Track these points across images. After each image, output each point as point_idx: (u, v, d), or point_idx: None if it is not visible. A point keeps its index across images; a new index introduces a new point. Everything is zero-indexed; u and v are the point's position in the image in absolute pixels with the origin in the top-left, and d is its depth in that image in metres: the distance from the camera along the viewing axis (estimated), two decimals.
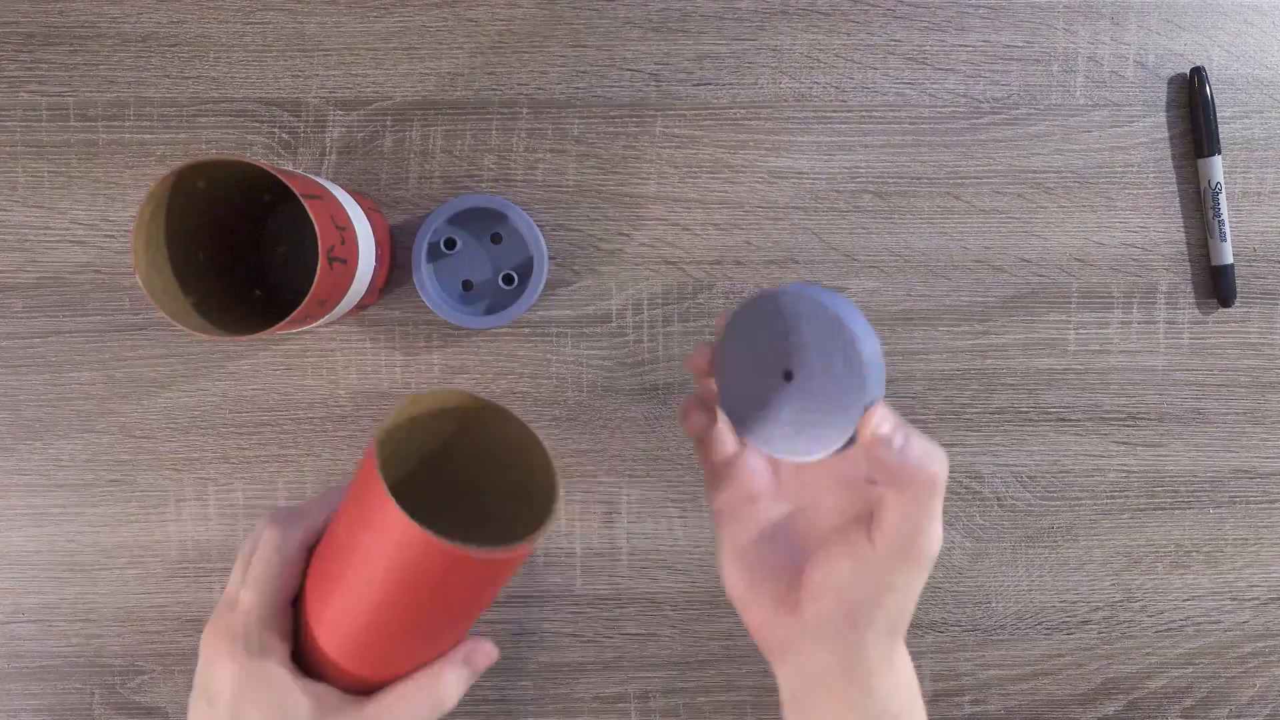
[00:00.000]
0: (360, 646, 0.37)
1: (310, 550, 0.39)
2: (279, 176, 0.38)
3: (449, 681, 0.38)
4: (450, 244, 0.50)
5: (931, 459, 0.33)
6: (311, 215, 0.39)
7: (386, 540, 0.35)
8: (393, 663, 0.38)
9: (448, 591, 0.36)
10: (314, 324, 0.45)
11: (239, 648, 0.36)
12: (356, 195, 0.48)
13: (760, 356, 0.34)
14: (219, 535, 0.52)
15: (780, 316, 0.34)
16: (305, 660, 0.38)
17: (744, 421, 0.35)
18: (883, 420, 0.32)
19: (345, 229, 0.42)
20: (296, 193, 0.39)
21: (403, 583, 0.35)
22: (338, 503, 0.40)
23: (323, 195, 0.42)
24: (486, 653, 0.40)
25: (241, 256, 0.49)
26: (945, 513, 0.53)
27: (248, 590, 0.37)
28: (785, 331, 0.34)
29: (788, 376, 0.34)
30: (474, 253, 0.50)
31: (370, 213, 0.47)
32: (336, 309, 0.44)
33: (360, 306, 0.49)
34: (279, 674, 0.36)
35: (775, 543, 0.37)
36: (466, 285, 0.51)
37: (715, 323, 0.36)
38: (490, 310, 0.50)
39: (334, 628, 0.37)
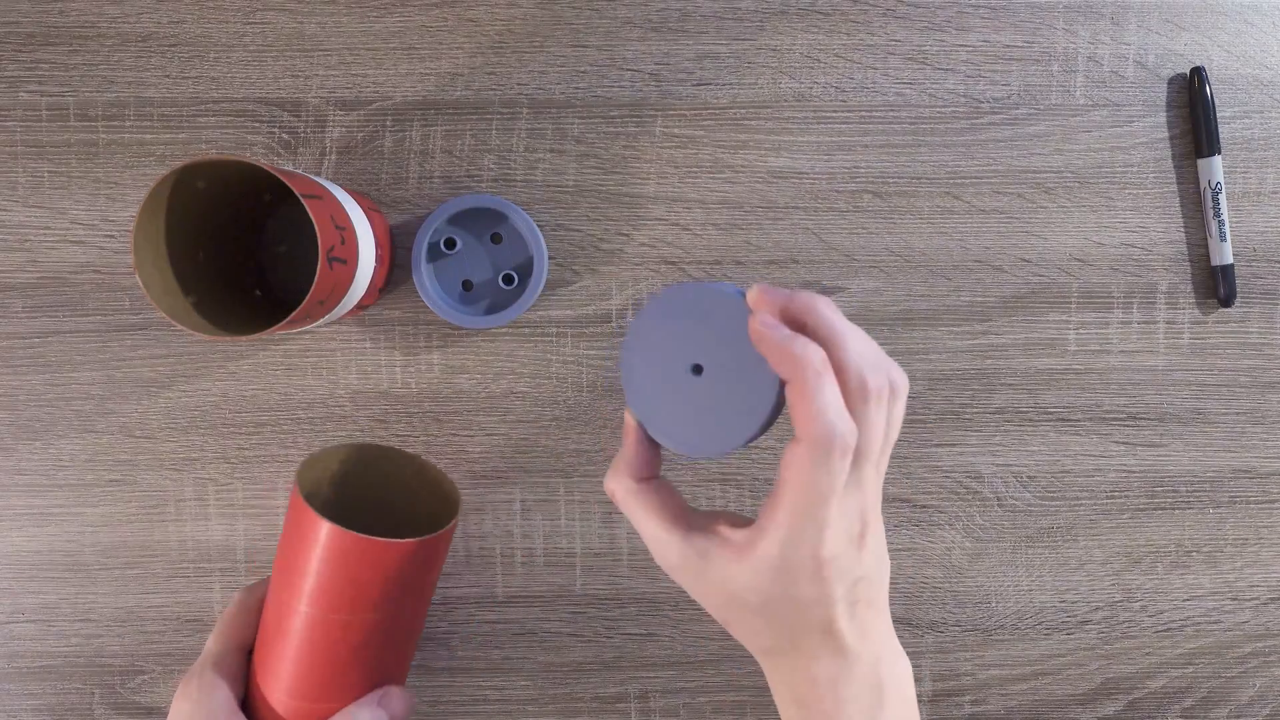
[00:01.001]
0: (294, 673, 0.41)
1: None
2: (279, 176, 0.38)
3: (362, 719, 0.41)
4: (450, 244, 0.50)
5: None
6: (311, 215, 0.39)
7: (306, 543, 0.40)
8: (322, 693, 0.42)
9: (361, 588, 0.40)
10: (314, 324, 0.45)
11: (191, 685, 0.41)
12: (356, 195, 0.48)
13: (667, 353, 0.34)
14: (219, 535, 0.52)
15: (684, 311, 0.33)
16: (250, 707, 0.43)
17: (656, 421, 0.34)
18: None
19: (345, 229, 0.42)
20: (296, 193, 0.39)
21: (323, 576, 0.40)
22: None
23: (323, 195, 0.42)
24: (400, 696, 0.43)
25: (241, 256, 0.49)
26: (945, 513, 0.53)
27: (210, 638, 0.43)
28: (691, 325, 0.33)
29: (697, 370, 0.33)
30: (474, 253, 0.50)
31: (370, 213, 0.47)
32: (336, 309, 0.44)
33: (360, 306, 0.49)
34: (222, 710, 0.41)
35: None
36: (466, 285, 0.51)
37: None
38: (490, 310, 0.50)
39: (270, 657, 0.42)
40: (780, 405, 0.33)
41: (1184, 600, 0.54)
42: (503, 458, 0.52)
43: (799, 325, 0.32)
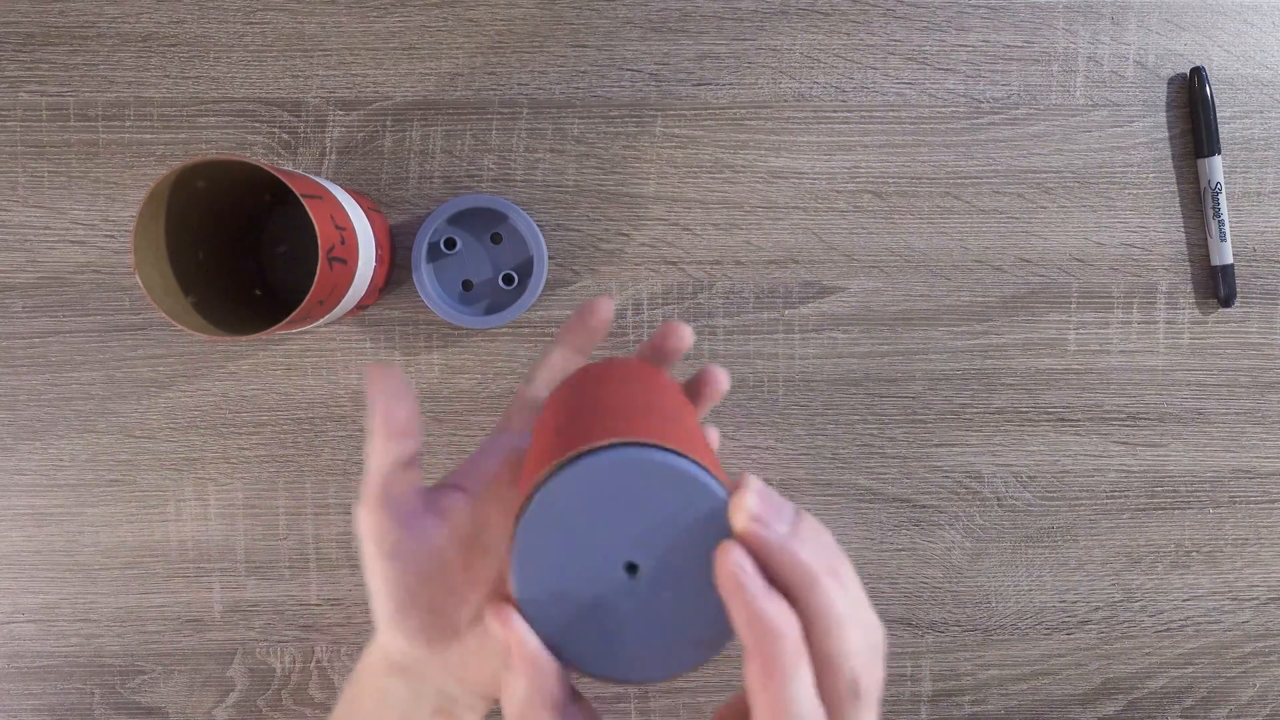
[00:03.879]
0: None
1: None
2: (279, 176, 0.38)
3: None
4: (450, 244, 0.50)
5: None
6: (311, 215, 0.39)
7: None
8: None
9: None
10: (314, 324, 0.45)
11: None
12: (356, 195, 0.48)
13: (587, 544, 0.25)
14: (219, 535, 0.52)
15: (614, 487, 0.25)
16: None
17: (566, 637, 0.26)
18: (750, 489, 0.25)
19: (345, 229, 0.42)
20: (296, 193, 0.39)
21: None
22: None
23: (323, 195, 0.42)
24: None
25: (241, 256, 0.49)
26: (945, 512, 0.53)
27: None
28: (624, 507, 0.25)
29: (631, 569, 0.25)
30: (474, 253, 0.50)
31: (370, 213, 0.47)
32: (336, 309, 0.44)
33: (360, 306, 0.49)
34: None
35: None
36: (466, 285, 0.51)
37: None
38: (490, 310, 0.50)
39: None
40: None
41: (1184, 600, 0.54)
42: None
43: (784, 581, 0.24)
